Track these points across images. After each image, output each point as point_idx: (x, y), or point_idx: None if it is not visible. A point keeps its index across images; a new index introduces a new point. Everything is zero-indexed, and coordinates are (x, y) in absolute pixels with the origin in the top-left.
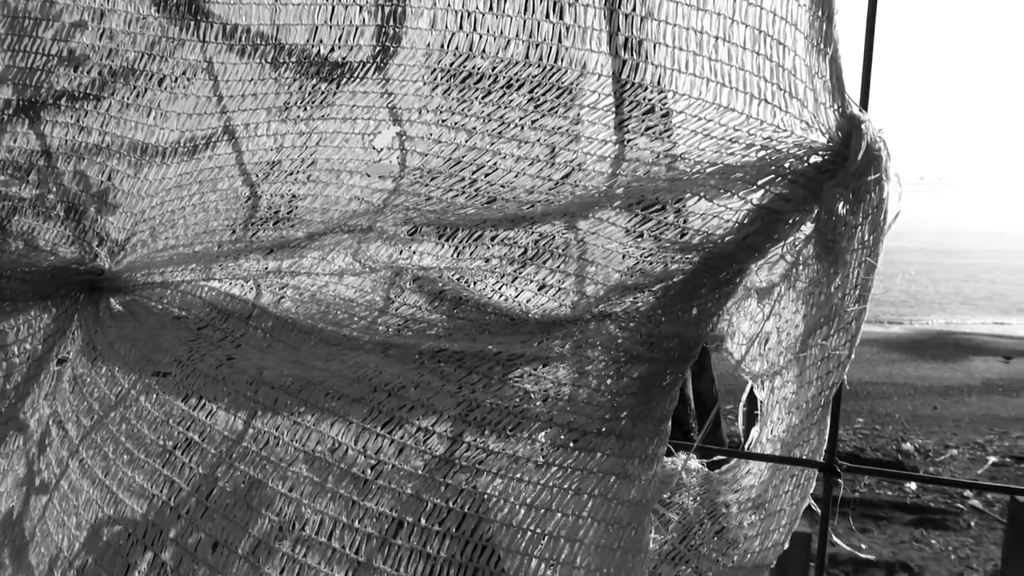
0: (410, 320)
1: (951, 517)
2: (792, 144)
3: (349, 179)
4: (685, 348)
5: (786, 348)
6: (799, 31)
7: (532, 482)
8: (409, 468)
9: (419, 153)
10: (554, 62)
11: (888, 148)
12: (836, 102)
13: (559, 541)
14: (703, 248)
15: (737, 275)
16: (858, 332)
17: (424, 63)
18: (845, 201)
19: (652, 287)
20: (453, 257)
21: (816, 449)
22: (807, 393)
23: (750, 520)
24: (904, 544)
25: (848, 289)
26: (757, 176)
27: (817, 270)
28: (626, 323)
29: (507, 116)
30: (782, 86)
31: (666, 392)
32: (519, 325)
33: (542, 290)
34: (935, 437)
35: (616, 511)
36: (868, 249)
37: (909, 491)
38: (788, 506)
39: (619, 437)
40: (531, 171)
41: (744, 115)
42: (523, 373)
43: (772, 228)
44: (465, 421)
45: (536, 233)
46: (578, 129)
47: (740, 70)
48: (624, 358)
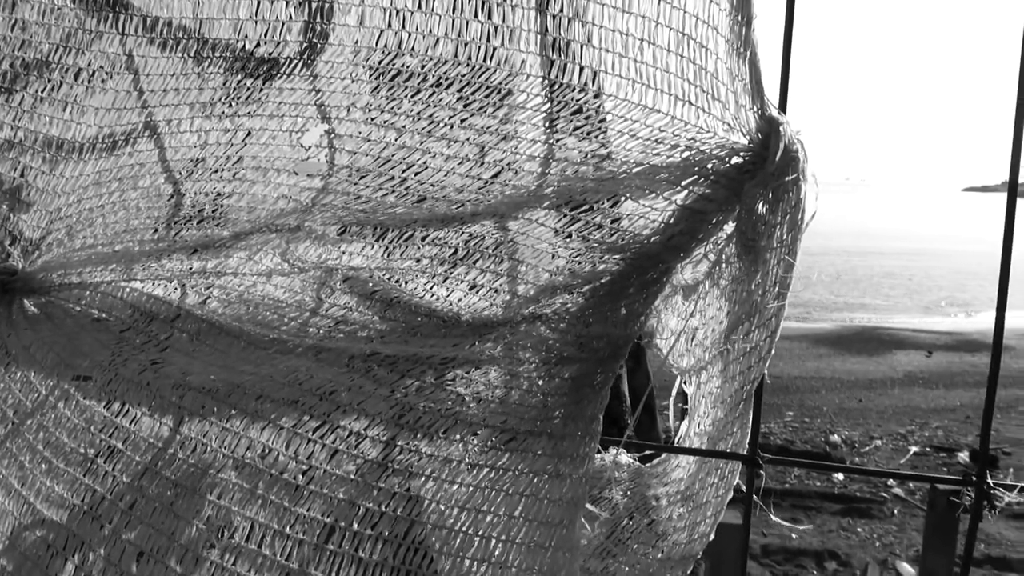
0: (341, 321)
1: (876, 506)
2: (714, 145)
3: (276, 177)
4: (614, 347)
5: (711, 344)
6: (720, 35)
7: (465, 484)
8: (341, 473)
9: (348, 151)
10: (483, 61)
11: (805, 149)
12: (756, 104)
13: (491, 541)
14: (630, 248)
15: (664, 274)
16: (778, 327)
17: (352, 60)
18: (765, 201)
19: (581, 288)
20: (384, 257)
21: (739, 442)
22: (731, 387)
23: (678, 512)
24: (832, 533)
25: (768, 286)
26: (681, 177)
27: (739, 268)
28: (556, 324)
29: (437, 115)
30: (705, 88)
31: (597, 391)
32: (451, 327)
33: (473, 290)
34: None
35: (548, 510)
36: (787, 247)
37: (836, 481)
38: (714, 498)
39: (551, 437)
40: (461, 170)
41: (669, 116)
42: (455, 376)
43: (696, 228)
44: (398, 425)
45: (466, 233)
46: (507, 129)
47: (665, 72)
48: (555, 359)
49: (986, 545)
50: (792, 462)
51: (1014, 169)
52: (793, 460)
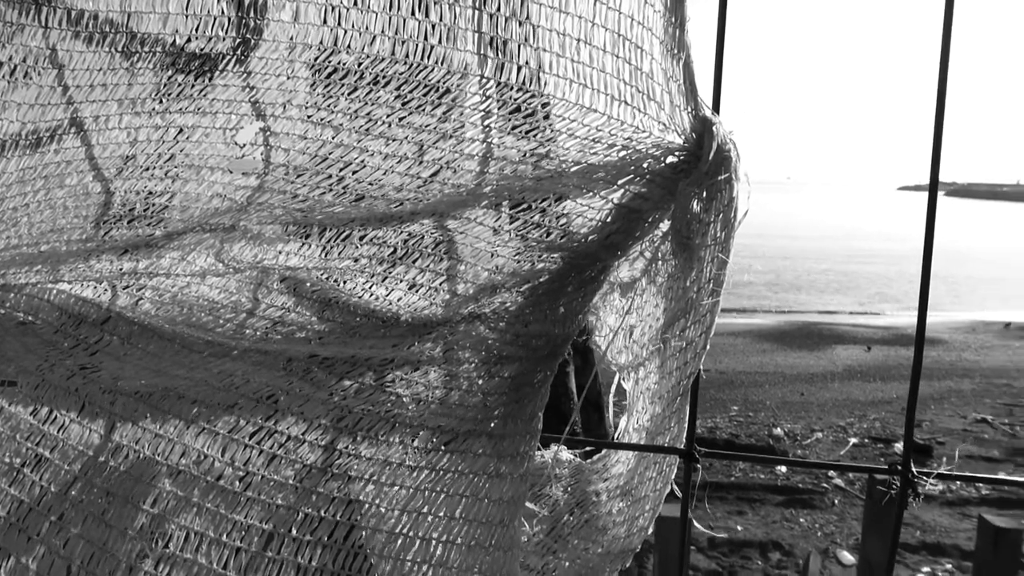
0: (279, 323)
1: (817, 496)
2: (650, 145)
3: (210, 175)
4: (554, 346)
5: (648, 340)
6: (655, 36)
7: (405, 486)
8: (280, 478)
9: (284, 150)
10: (421, 60)
11: (738, 149)
12: (690, 105)
13: (431, 543)
14: (568, 247)
15: (602, 273)
16: (713, 324)
17: (287, 57)
18: (699, 199)
19: (520, 287)
20: (321, 257)
21: (677, 437)
22: (668, 383)
23: (618, 507)
24: (776, 524)
25: (703, 283)
26: (617, 176)
27: (674, 265)
28: (495, 324)
29: (374, 113)
30: (640, 89)
31: (536, 390)
32: (390, 328)
33: (412, 289)
34: (802, 422)
35: (488, 510)
36: (720, 245)
37: (779, 474)
38: (652, 492)
39: (490, 437)
40: (400, 169)
41: (605, 116)
42: (395, 378)
43: (633, 227)
44: (337, 428)
45: (405, 233)
46: (446, 127)
47: (601, 72)
48: (494, 358)
49: (922, 532)
50: (726, 455)
51: (934, 171)
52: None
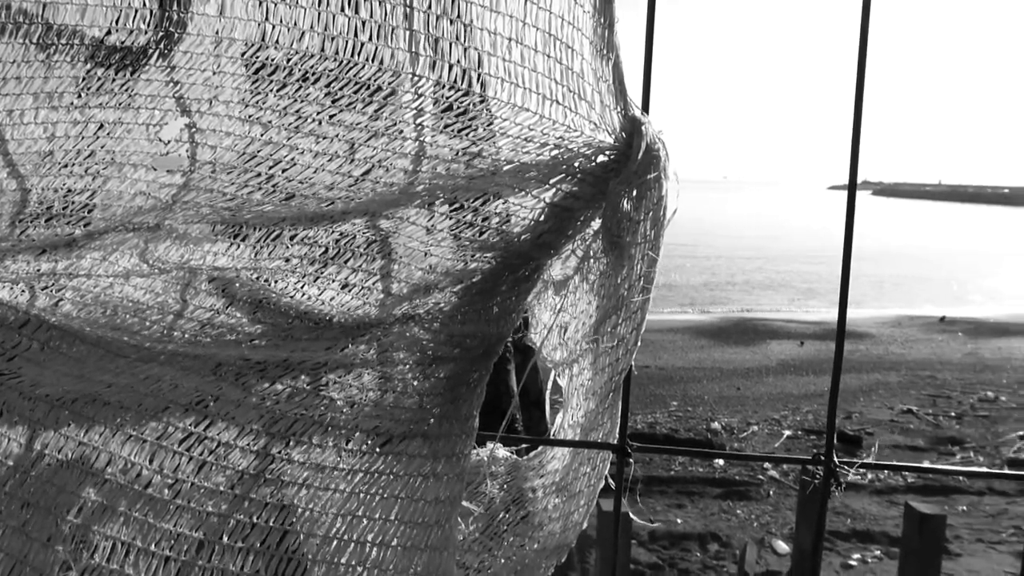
0: (208, 325)
1: (753, 488)
2: (581, 144)
3: (133, 173)
4: (488, 345)
5: (582, 337)
6: (585, 36)
7: (339, 490)
8: (210, 485)
9: (210, 147)
10: (351, 56)
11: (667, 149)
12: (620, 105)
13: (366, 546)
14: (501, 247)
15: (535, 271)
16: (643, 320)
17: (213, 52)
18: (629, 198)
19: (454, 287)
20: (251, 257)
21: (610, 432)
22: (601, 379)
23: (554, 503)
24: (714, 516)
25: (633, 280)
26: (549, 175)
27: (606, 263)
28: (429, 324)
29: (304, 110)
30: (571, 88)
31: (472, 389)
32: (323, 330)
33: (345, 289)
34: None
35: (424, 511)
36: (650, 243)
37: (717, 467)
38: (587, 488)
39: (426, 438)
40: (331, 167)
41: (537, 115)
42: (329, 381)
43: (565, 225)
44: (269, 433)
45: (337, 232)
46: (378, 125)
47: (532, 71)
48: (429, 359)
49: (852, 520)
50: (657, 449)
51: (853, 170)
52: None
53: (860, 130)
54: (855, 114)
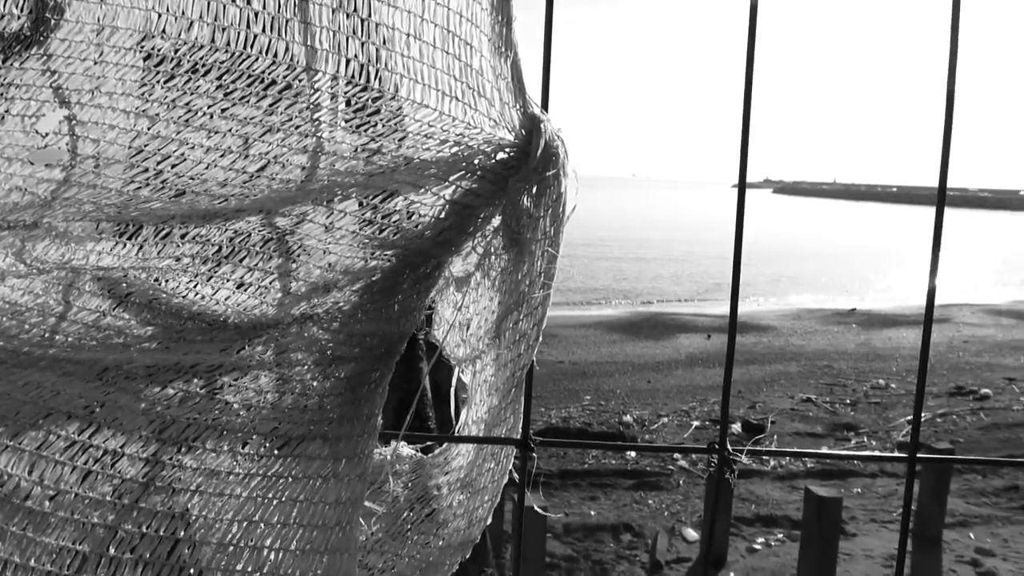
0: (93, 327)
1: (664, 478)
2: (481, 141)
3: (7, 167)
4: (390, 344)
5: (484, 333)
6: (483, 33)
7: (234, 495)
8: (96, 495)
9: (92, 140)
10: (243, 49)
11: (566, 146)
12: (519, 102)
13: (264, 551)
14: (401, 244)
15: (436, 269)
16: (544, 316)
17: (94, 40)
18: (528, 195)
19: (353, 285)
20: (138, 256)
21: (513, 427)
22: (503, 375)
23: (458, 499)
24: (626, 506)
25: (534, 276)
26: (449, 172)
27: (506, 260)
28: (328, 324)
29: (194, 103)
30: (471, 85)
31: (374, 390)
32: (217, 331)
33: (241, 288)
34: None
35: (325, 513)
36: (550, 239)
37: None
38: (491, 483)
39: (326, 439)
40: (223, 163)
41: (437, 112)
42: (223, 384)
43: (465, 223)
44: (159, 440)
45: (231, 230)
46: (273, 120)
47: (431, 68)
48: (328, 359)
49: (756, 505)
50: (559, 443)
51: (743, 169)
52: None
53: (748, 131)
54: (744, 116)
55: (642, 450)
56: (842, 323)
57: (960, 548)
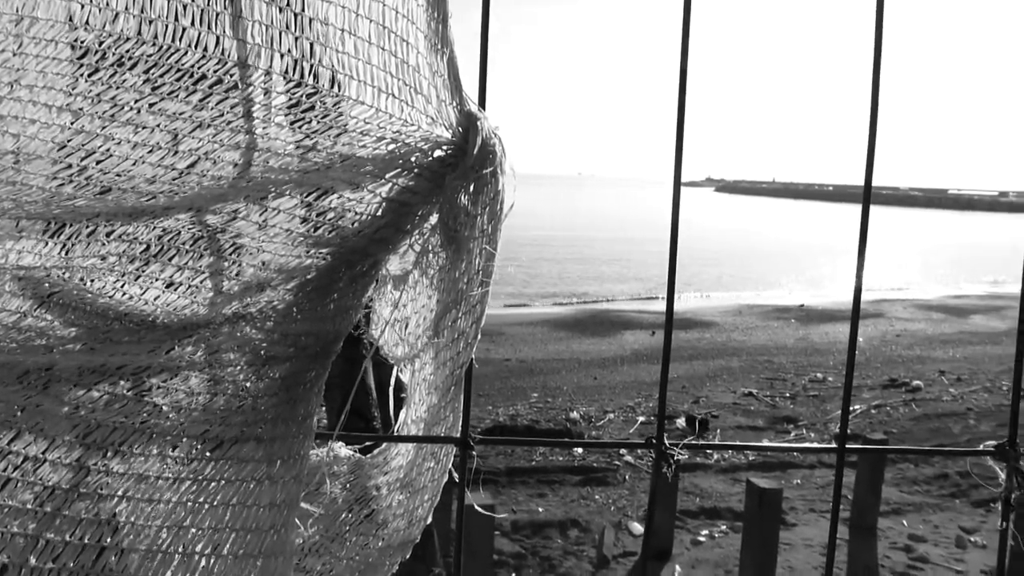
0: (13, 329)
1: (610, 474)
2: (418, 138)
3: None
4: (325, 343)
5: (423, 332)
6: (419, 30)
7: (164, 500)
8: (16, 503)
9: (12, 135)
10: (172, 42)
11: (504, 144)
12: (455, 100)
13: (195, 557)
14: (337, 242)
15: (373, 267)
16: (483, 314)
17: (13, 31)
18: (465, 193)
19: (288, 284)
20: (61, 255)
21: (452, 426)
22: (442, 374)
23: (398, 500)
24: (574, 502)
25: (472, 274)
26: (385, 169)
27: (444, 258)
28: (262, 323)
29: (120, 97)
30: (407, 82)
31: (309, 390)
32: (145, 332)
33: (170, 288)
34: (596, 404)
35: (258, 516)
36: (488, 237)
37: (576, 455)
38: (430, 482)
39: (260, 441)
40: (152, 159)
41: (373, 108)
42: (152, 386)
43: (402, 220)
44: (84, 445)
45: (159, 228)
46: (203, 116)
47: (367, 64)
48: (262, 359)
49: (701, 498)
50: (499, 440)
51: (677, 166)
52: (500, 439)
53: (683, 130)
54: (679, 114)
55: (581, 446)
56: (782, 318)
57: (894, 535)
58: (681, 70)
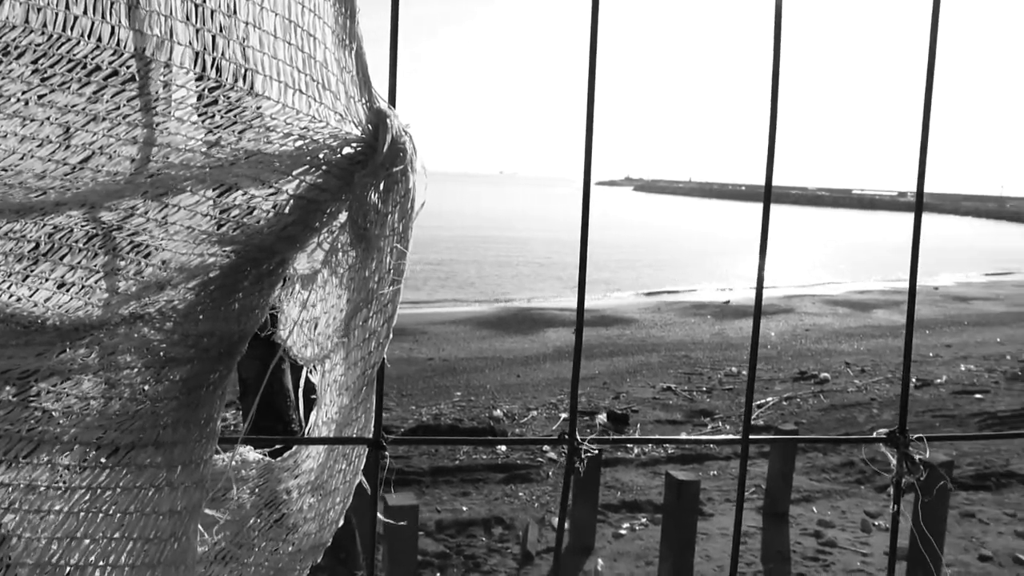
0: None
1: (534, 470)
2: (327, 135)
3: None
4: (229, 344)
5: (333, 332)
6: (327, 25)
7: (55, 511)
8: None
9: None
10: (62, 31)
11: (414, 142)
12: (364, 96)
13: (88, 569)
14: (242, 240)
15: (280, 266)
16: (394, 313)
17: None
18: (376, 190)
19: (189, 283)
20: None
21: (364, 427)
22: (354, 374)
23: (309, 503)
24: (498, 500)
25: (383, 273)
26: (293, 166)
27: (354, 256)
28: (161, 324)
29: (6, 88)
30: (315, 77)
31: (212, 392)
32: (34, 334)
33: (62, 288)
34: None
35: (158, 525)
36: (399, 236)
37: (500, 453)
38: (342, 484)
39: (159, 446)
40: (41, 153)
41: (280, 104)
42: (40, 391)
43: (311, 218)
44: None
45: (50, 225)
46: (98, 108)
47: (273, 58)
48: (161, 361)
49: (622, 492)
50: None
51: (587, 166)
52: (413, 439)
53: (592, 129)
54: (588, 112)
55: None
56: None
57: (804, 521)
58: (590, 70)
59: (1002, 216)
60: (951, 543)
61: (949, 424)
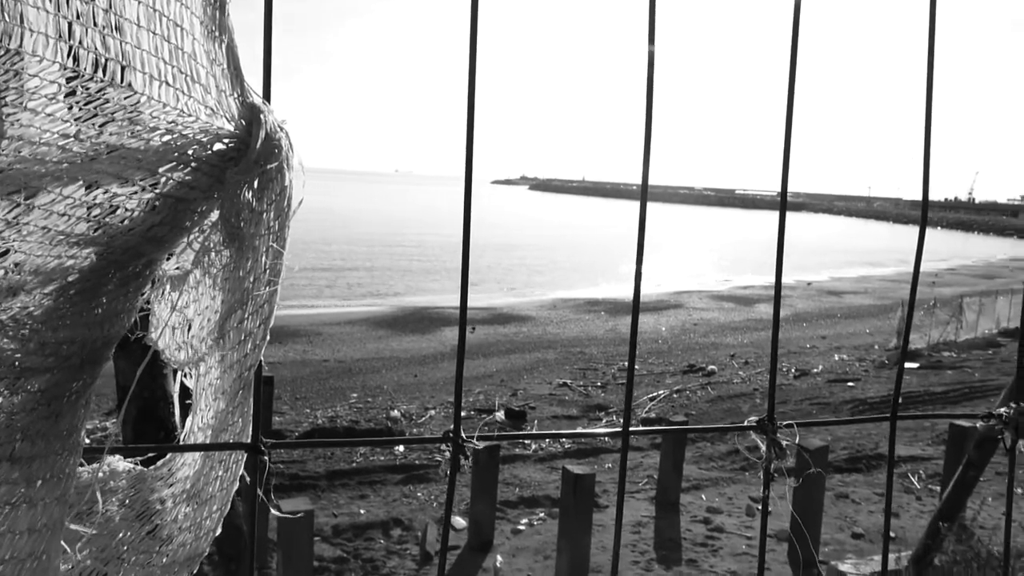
0: None
1: (431, 470)
2: (197, 130)
3: None
4: (92, 351)
5: (207, 334)
6: (195, 15)
7: None
8: None
9: None
10: None
11: (291, 139)
12: (236, 91)
13: None
14: (104, 241)
15: (147, 267)
16: (271, 313)
17: None
18: (249, 188)
19: (45, 288)
20: None
21: (242, 431)
22: (230, 377)
23: (184, 512)
24: (396, 501)
25: (258, 273)
26: (159, 162)
27: (228, 256)
28: (16, 331)
29: None
30: (183, 69)
31: (75, 402)
32: None
33: None
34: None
35: (15, 544)
36: (275, 235)
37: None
38: (219, 492)
39: (15, 461)
40: None
41: (144, 96)
42: None
43: (179, 217)
44: None
45: None
46: None
47: (136, 48)
48: (17, 372)
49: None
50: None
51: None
52: (295, 442)
53: (473, 128)
54: (468, 115)
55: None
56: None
57: (694, 509)
58: (470, 69)
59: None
60: (827, 523)
61: (825, 411)
